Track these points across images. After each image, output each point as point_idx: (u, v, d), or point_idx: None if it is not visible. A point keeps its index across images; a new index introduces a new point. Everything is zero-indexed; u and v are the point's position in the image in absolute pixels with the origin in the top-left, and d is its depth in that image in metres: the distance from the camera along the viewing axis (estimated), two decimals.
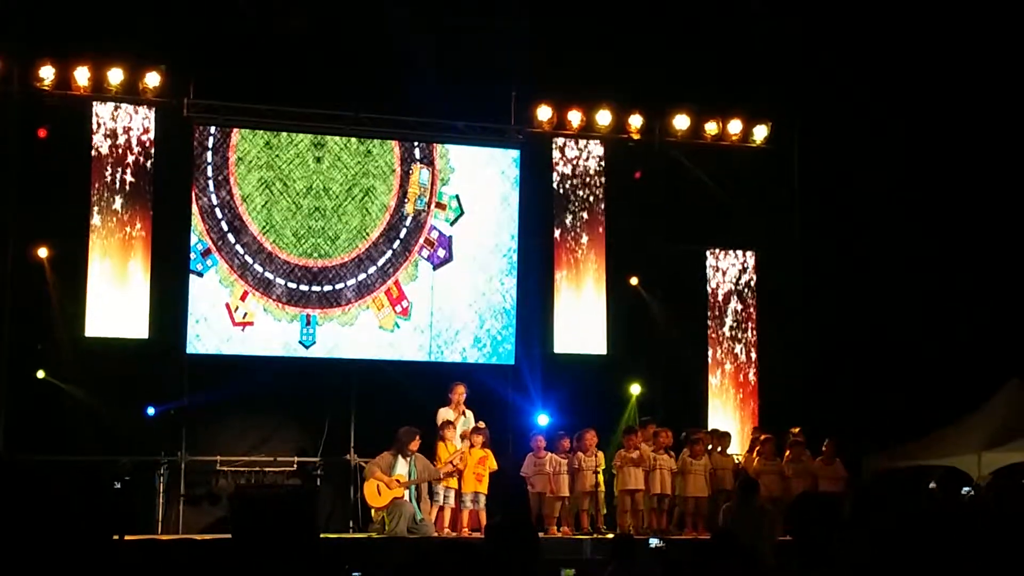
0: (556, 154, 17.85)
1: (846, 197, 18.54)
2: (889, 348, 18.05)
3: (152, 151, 16.16)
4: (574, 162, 17.90)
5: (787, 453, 16.11)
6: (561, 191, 17.85)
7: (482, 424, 15.55)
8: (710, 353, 18.41)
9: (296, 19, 16.22)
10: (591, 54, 17.44)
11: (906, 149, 18.39)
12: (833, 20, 18.08)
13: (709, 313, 18.51)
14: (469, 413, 15.65)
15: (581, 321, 17.70)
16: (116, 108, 16.08)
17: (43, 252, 15.78)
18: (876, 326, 18.12)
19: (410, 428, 14.95)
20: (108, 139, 16.02)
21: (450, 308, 17.08)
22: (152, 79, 16.09)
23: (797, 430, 16.48)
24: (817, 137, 18.52)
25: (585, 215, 17.87)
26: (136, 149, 16.10)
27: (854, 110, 18.33)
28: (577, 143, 17.91)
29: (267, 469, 16.33)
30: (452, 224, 17.22)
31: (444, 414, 15.46)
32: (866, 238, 18.52)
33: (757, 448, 16.21)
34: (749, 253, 18.68)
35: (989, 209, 18.29)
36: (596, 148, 17.99)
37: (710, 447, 16.20)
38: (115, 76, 15.95)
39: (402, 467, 14.80)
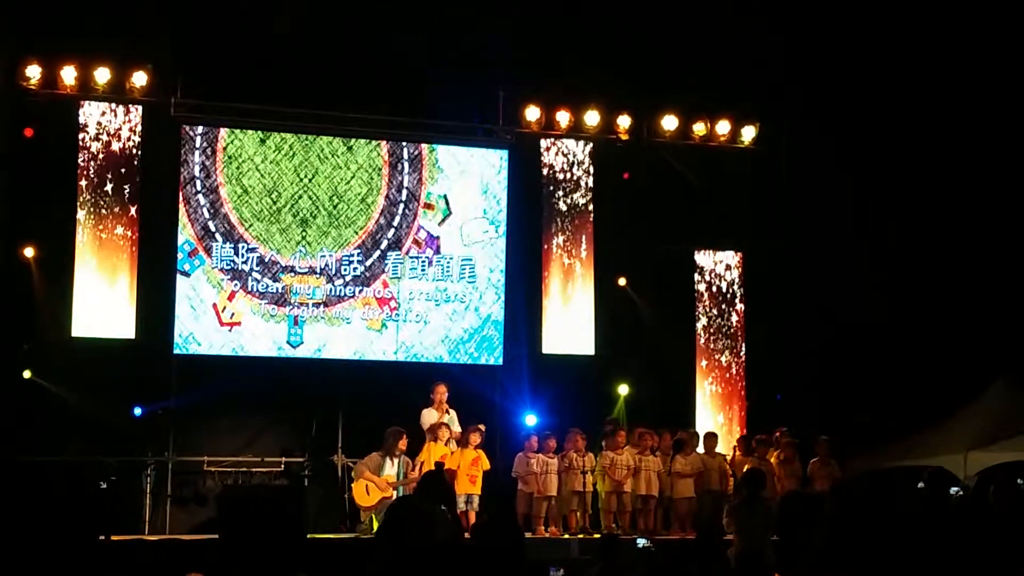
0: (544, 154, 17.87)
1: (833, 197, 18.56)
2: (876, 348, 18.07)
3: (139, 150, 16.13)
4: (562, 162, 17.91)
5: (775, 453, 16.13)
6: (549, 191, 17.86)
7: (483, 427, 15.43)
8: (698, 353, 18.43)
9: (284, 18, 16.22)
10: (579, 54, 17.47)
11: (893, 149, 18.42)
12: (821, 21, 18.11)
13: (697, 313, 18.53)
14: (452, 413, 15.55)
15: (569, 321, 17.71)
16: (103, 108, 16.06)
17: (29, 252, 15.75)
18: (863, 326, 18.15)
19: (397, 429, 14.86)
20: (95, 139, 15.98)
21: (438, 308, 17.08)
22: (139, 78, 16.07)
23: (779, 432, 16.47)
24: (805, 138, 18.54)
25: (573, 215, 17.89)
26: (123, 148, 16.07)
27: (842, 111, 18.35)
28: (565, 143, 17.92)
29: (254, 469, 16.29)
30: (440, 224, 17.21)
31: (427, 415, 15.38)
32: (853, 238, 18.55)
33: (743, 447, 16.28)
34: (737, 253, 18.72)
35: (977, 208, 18.32)
36: (584, 148, 18.00)
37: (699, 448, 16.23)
38: (102, 75, 15.92)
39: (390, 468, 14.75)
